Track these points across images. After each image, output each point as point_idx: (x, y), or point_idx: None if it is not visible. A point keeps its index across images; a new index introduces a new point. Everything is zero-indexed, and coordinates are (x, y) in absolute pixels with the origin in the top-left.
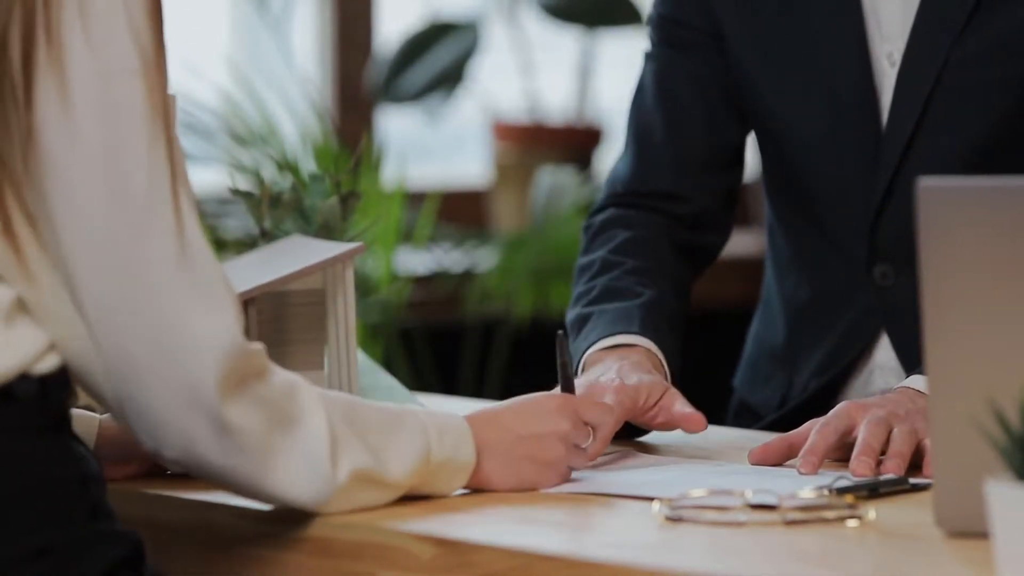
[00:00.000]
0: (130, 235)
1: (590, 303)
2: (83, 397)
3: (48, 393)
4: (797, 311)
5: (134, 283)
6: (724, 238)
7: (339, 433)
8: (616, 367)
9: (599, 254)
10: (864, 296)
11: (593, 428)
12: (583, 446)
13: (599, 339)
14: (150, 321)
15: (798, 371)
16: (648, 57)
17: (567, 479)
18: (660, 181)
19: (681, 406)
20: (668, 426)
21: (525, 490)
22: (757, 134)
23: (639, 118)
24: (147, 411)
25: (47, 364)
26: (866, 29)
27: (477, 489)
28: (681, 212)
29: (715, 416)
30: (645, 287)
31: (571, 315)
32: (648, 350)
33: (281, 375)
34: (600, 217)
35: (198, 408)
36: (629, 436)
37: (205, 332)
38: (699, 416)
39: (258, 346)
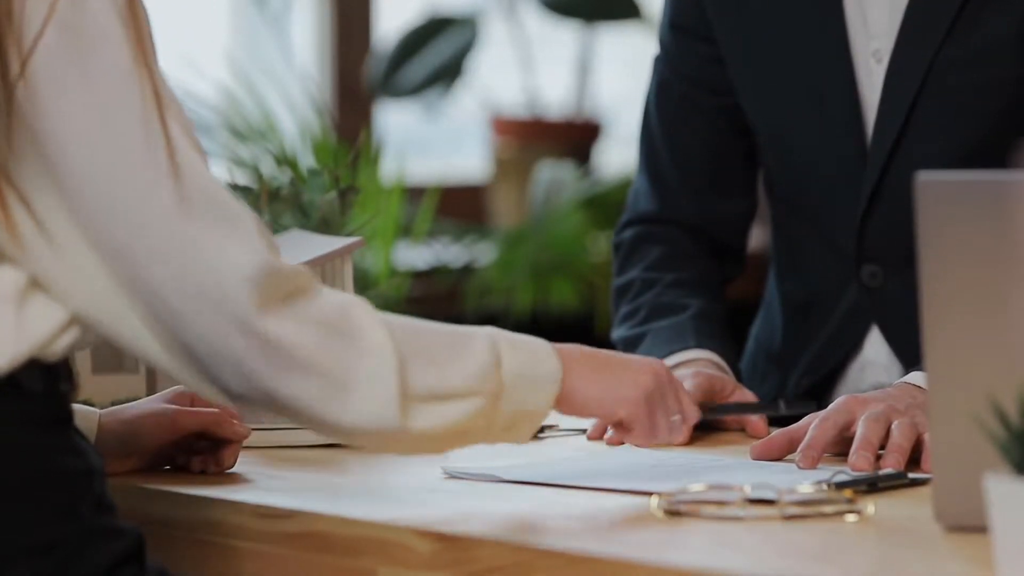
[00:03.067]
0: (133, 188)
1: (639, 323)
2: (82, 393)
3: (53, 384)
4: (793, 311)
5: (148, 232)
6: (740, 267)
7: (405, 351)
8: (690, 372)
9: (635, 273)
10: (853, 295)
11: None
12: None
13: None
14: (174, 265)
15: (792, 370)
16: (658, 67)
17: (659, 419)
18: (677, 209)
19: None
20: (737, 424)
21: (619, 406)
22: (756, 132)
23: (646, 139)
24: (197, 350)
25: (61, 345)
26: (848, 27)
27: (569, 407)
28: (704, 241)
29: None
30: (690, 298)
31: (619, 334)
32: (709, 360)
33: (332, 294)
34: (628, 235)
35: (242, 332)
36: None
37: (227, 261)
38: (763, 425)
39: (299, 267)
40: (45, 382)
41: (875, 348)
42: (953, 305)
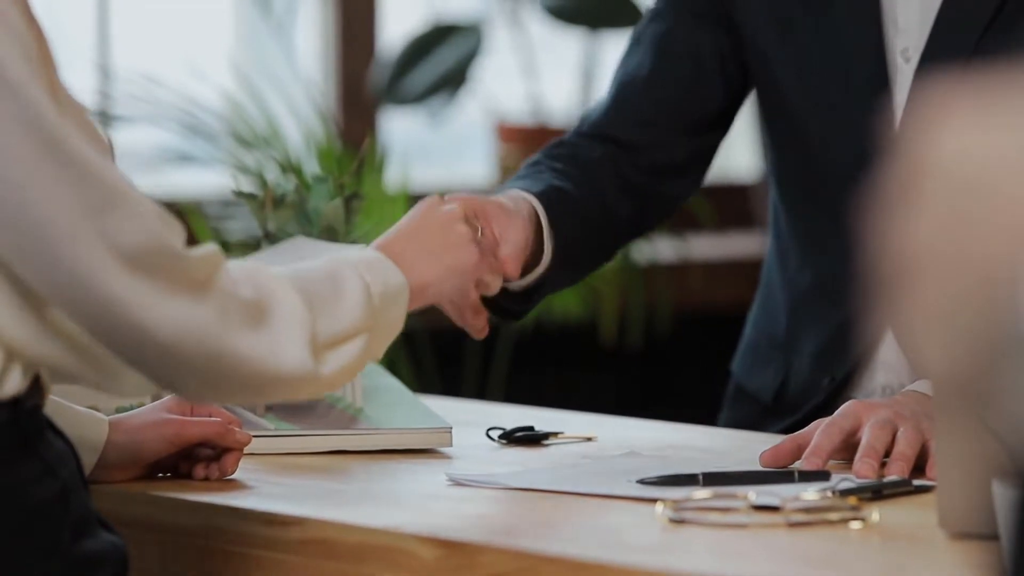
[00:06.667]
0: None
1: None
2: (86, 400)
3: (17, 408)
4: (798, 295)
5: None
6: (688, 186)
7: (311, 305)
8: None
9: (533, 158)
10: (869, 288)
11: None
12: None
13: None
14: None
15: (797, 355)
16: (652, 14)
17: (489, 259)
18: (625, 129)
19: (505, 246)
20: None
21: (463, 277)
22: (767, 118)
23: (624, 67)
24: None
25: (10, 385)
26: (883, 23)
27: (421, 301)
28: (641, 159)
29: (715, 411)
30: (558, 180)
31: None
32: (531, 203)
33: (237, 268)
34: (557, 144)
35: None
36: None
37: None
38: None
39: (205, 249)
40: (10, 409)
41: (890, 346)
42: None
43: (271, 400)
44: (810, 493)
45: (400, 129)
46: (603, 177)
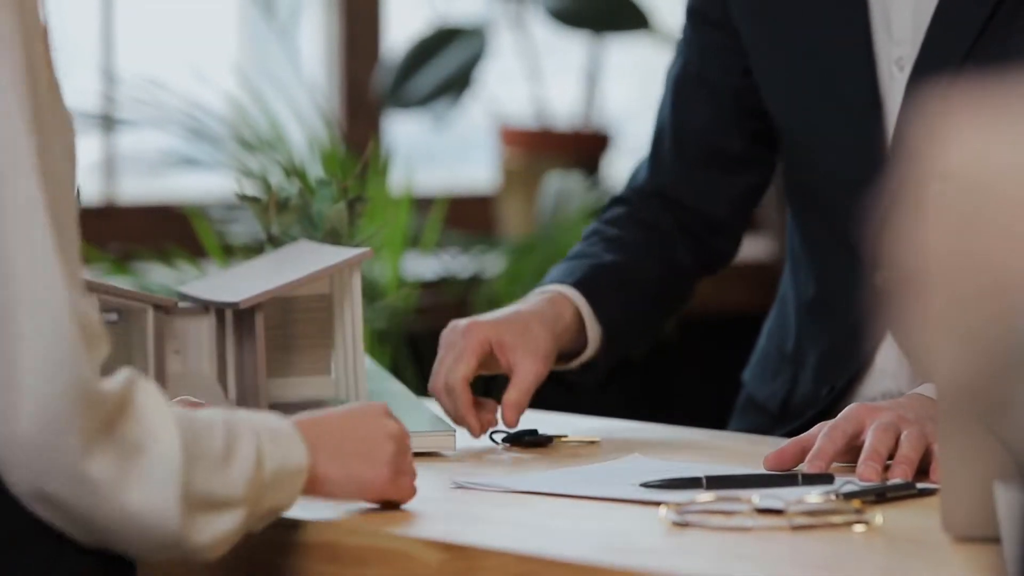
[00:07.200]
0: None
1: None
2: None
3: None
4: (805, 307)
5: None
6: (734, 245)
7: (189, 452)
8: (511, 308)
9: (591, 227)
10: (867, 298)
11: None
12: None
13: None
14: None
15: (802, 366)
16: (676, 51)
17: (404, 481)
18: (668, 185)
19: (511, 391)
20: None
21: (362, 492)
22: (778, 131)
23: (658, 117)
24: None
25: None
26: (873, 34)
27: (313, 493)
28: (690, 215)
29: (722, 419)
30: (609, 253)
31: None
32: (568, 298)
33: (121, 395)
34: (613, 202)
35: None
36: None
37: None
38: (489, 417)
39: (108, 387)
40: None
41: (886, 354)
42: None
43: (131, 551)
44: (814, 496)
45: (404, 132)
46: (661, 232)
